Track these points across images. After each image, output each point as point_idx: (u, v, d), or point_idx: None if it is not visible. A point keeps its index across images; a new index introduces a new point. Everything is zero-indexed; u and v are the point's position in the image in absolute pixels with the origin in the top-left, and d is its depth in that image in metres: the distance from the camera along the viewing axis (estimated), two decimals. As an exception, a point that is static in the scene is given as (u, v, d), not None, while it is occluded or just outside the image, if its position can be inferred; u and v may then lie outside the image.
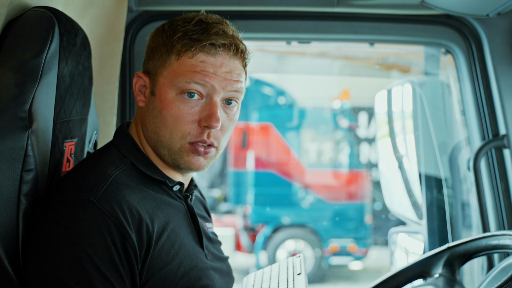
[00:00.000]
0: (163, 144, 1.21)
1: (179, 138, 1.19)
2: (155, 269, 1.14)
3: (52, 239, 1.08)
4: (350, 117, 8.26)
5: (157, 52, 1.21)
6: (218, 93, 1.19)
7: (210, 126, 1.18)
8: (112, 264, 1.07)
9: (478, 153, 1.95)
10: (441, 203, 2.36)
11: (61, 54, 1.23)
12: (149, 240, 1.13)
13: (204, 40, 1.17)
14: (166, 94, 1.19)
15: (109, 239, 1.08)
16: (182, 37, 1.18)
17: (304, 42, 2.06)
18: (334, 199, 7.88)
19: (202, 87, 1.18)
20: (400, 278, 1.52)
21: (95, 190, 1.11)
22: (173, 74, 1.18)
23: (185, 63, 1.17)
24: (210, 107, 1.19)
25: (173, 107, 1.18)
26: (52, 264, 1.06)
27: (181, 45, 1.17)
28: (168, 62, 1.19)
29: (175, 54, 1.18)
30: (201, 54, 1.17)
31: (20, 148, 1.10)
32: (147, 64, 1.24)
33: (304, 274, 1.32)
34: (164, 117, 1.19)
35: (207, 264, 1.25)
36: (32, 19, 1.21)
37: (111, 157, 1.21)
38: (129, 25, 1.89)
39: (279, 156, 7.98)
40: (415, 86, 2.39)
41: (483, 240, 1.46)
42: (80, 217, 1.08)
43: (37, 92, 1.15)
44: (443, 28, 1.95)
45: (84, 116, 1.42)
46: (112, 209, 1.10)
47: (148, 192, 1.20)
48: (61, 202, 1.11)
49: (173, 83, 1.18)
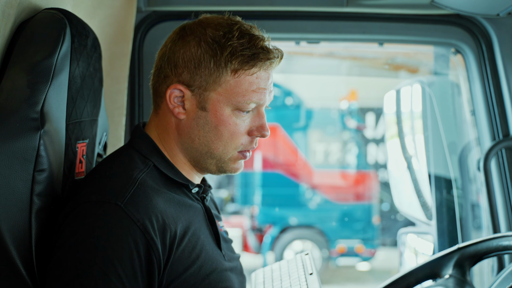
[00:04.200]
0: (214, 155, 1.23)
1: (232, 149, 1.23)
2: (176, 273, 1.14)
3: (76, 241, 1.08)
4: (358, 117, 8.23)
5: (204, 66, 1.19)
6: (265, 104, 1.24)
7: (263, 136, 1.24)
8: (132, 271, 1.07)
9: (488, 153, 1.94)
10: (451, 203, 2.34)
11: (73, 55, 1.23)
12: (171, 245, 1.14)
13: (264, 58, 1.19)
14: (222, 110, 1.20)
15: (133, 246, 1.08)
16: (234, 53, 1.18)
17: (313, 42, 2.06)
18: (342, 199, 7.86)
19: (256, 104, 1.22)
20: (409, 279, 1.51)
21: (122, 194, 1.11)
22: (230, 92, 1.20)
23: (244, 81, 1.19)
24: (260, 118, 1.24)
25: (230, 123, 1.21)
26: (74, 266, 1.06)
27: (238, 63, 1.18)
28: (223, 78, 1.19)
29: (231, 70, 1.19)
30: (258, 71, 1.20)
31: (32, 149, 1.11)
32: (187, 76, 1.20)
33: (316, 274, 1.32)
34: (220, 132, 1.21)
35: (225, 265, 1.25)
36: (43, 20, 1.22)
37: (134, 160, 1.21)
38: (138, 26, 1.90)
39: (286, 156, 7.97)
40: (425, 86, 2.38)
41: (493, 241, 1.45)
42: (106, 221, 1.09)
43: (49, 93, 1.15)
44: (453, 28, 1.94)
45: (95, 117, 1.42)
46: (139, 214, 1.10)
47: (171, 194, 1.20)
48: (88, 204, 1.11)
49: (231, 102, 1.20)
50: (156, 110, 1.27)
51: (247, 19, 1.25)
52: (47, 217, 1.15)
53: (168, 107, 1.23)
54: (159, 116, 1.26)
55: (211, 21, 1.22)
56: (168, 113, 1.24)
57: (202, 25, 1.22)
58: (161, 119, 1.26)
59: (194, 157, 1.24)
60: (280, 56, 1.22)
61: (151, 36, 1.91)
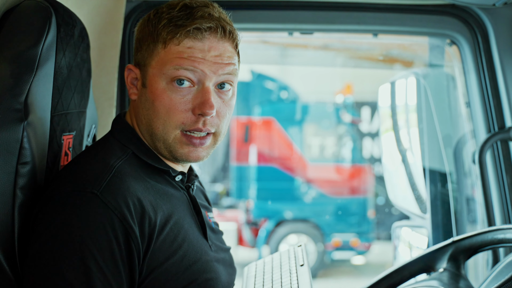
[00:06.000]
0: (158, 137, 1.19)
1: (172, 128, 1.17)
2: (156, 262, 1.11)
3: (53, 232, 1.06)
4: (353, 111, 8.23)
5: (144, 42, 1.19)
6: (209, 78, 1.16)
7: (204, 114, 1.15)
8: (112, 259, 1.05)
9: (483, 146, 1.92)
10: (446, 197, 2.33)
11: (58, 45, 1.21)
12: (151, 234, 1.11)
13: (189, 25, 1.14)
14: (157, 84, 1.16)
15: (111, 234, 1.06)
16: (167, 25, 1.15)
17: (306, 32, 2.03)
18: (337, 193, 7.88)
19: (192, 73, 1.15)
20: (404, 273, 1.50)
21: (98, 182, 1.09)
22: (161, 63, 1.16)
23: (172, 51, 1.15)
24: (202, 94, 1.16)
25: (164, 97, 1.15)
26: (52, 257, 1.04)
27: (167, 33, 1.15)
28: (155, 51, 1.16)
29: (161, 42, 1.16)
30: (187, 40, 1.14)
31: (15, 141, 1.08)
32: (136, 56, 1.21)
33: (307, 266, 1.30)
34: (156, 108, 1.16)
35: (211, 256, 1.23)
36: (28, 9, 1.19)
37: (112, 148, 1.19)
38: (128, 15, 1.87)
39: (281, 150, 7.97)
40: (419, 78, 2.36)
41: (488, 234, 1.44)
42: (83, 210, 1.06)
43: (33, 84, 1.13)
44: (448, 18, 1.92)
45: (83, 109, 1.39)
46: (116, 202, 1.08)
47: (151, 182, 1.18)
48: (63, 194, 1.09)
49: (162, 72, 1.16)
50: None
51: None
52: (30, 210, 1.12)
53: None
54: (130, 105, 1.26)
55: (170, 2, 1.20)
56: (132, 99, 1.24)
57: (160, 7, 1.20)
58: (130, 107, 1.26)
59: (148, 141, 1.22)
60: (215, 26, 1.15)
61: (141, 27, 1.88)
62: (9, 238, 1.08)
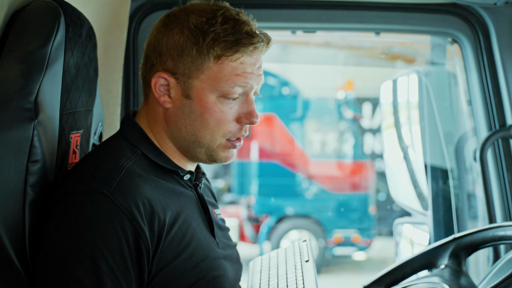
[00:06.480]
0: (202, 144, 1.22)
1: (220, 137, 1.21)
2: (165, 260, 1.13)
3: (64, 231, 1.07)
4: (354, 107, 8.23)
5: (187, 54, 1.18)
6: (253, 90, 1.22)
7: (251, 123, 1.22)
8: (122, 259, 1.07)
9: (484, 143, 1.94)
10: (447, 194, 2.35)
11: (67, 44, 1.22)
12: (160, 233, 1.13)
13: (247, 43, 1.17)
14: (207, 98, 1.19)
15: (121, 234, 1.07)
16: (216, 40, 1.16)
17: (309, 31, 2.05)
18: (338, 189, 7.88)
19: (242, 89, 1.20)
20: (405, 269, 1.52)
21: (109, 182, 1.11)
22: (214, 78, 1.18)
23: (227, 67, 1.18)
24: (248, 104, 1.22)
25: (216, 110, 1.19)
26: (63, 257, 1.06)
27: (221, 49, 1.17)
28: (205, 65, 1.18)
29: (213, 57, 1.17)
30: (243, 57, 1.18)
31: (26, 139, 1.10)
32: (171, 64, 1.19)
33: (312, 261, 1.32)
34: (205, 120, 1.19)
35: (218, 253, 1.25)
36: (37, 9, 1.20)
37: (122, 148, 1.20)
38: (133, 14, 1.88)
39: (283, 146, 7.97)
40: (421, 76, 2.37)
41: (489, 231, 1.45)
42: (93, 210, 1.08)
43: (43, 83, 1.14)
44: (450, 17, 1.93)
45: (90, 107, 1.41)
46: (126, 202, 1.09)
47: (160, 182, 1.20)
48: (74, 194, 1.10)
49: (215, 88, 1.18)
50: (145, 100, 1.26)
51: (242, 8, 1.24)
52: (40, 208, 1.14)
53: (155, 96, 1.22)
54: (148, 105, 1.25)
55: (196, 8, 1.21)
56: (155, 102, 1.23)
57: (186, 12, 1.21)
58: (150, 108, 1.25)
59: (184, 146, 1.23)
60: (266, 41, 1.20)
61: (146, 25, 1.89)
62: (20, 235, 1.10)
